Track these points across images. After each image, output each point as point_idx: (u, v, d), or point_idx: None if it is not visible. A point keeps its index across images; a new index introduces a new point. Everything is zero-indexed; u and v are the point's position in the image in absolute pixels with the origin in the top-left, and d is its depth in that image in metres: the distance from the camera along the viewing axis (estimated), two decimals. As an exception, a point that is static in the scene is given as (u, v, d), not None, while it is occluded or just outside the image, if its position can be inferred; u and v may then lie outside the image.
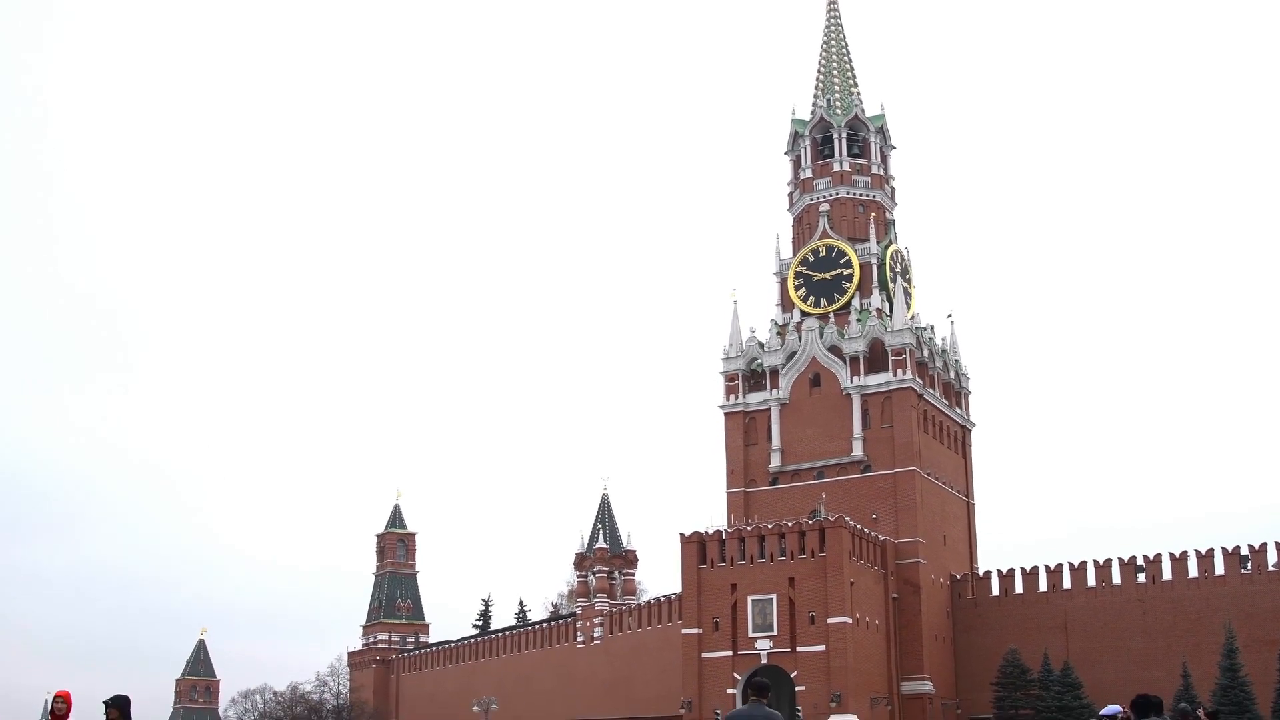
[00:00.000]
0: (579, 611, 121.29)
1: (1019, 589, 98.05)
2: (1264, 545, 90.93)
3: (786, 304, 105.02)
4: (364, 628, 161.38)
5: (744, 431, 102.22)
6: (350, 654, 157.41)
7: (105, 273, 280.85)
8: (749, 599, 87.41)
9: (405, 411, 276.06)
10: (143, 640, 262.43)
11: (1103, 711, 18.91)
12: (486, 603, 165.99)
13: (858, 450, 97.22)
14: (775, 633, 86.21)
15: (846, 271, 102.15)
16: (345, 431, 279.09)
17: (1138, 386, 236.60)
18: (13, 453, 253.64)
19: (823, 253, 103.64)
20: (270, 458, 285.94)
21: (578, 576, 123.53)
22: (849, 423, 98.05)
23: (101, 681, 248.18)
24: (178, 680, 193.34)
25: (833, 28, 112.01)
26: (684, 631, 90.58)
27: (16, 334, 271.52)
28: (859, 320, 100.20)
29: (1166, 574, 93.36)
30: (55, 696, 16.03)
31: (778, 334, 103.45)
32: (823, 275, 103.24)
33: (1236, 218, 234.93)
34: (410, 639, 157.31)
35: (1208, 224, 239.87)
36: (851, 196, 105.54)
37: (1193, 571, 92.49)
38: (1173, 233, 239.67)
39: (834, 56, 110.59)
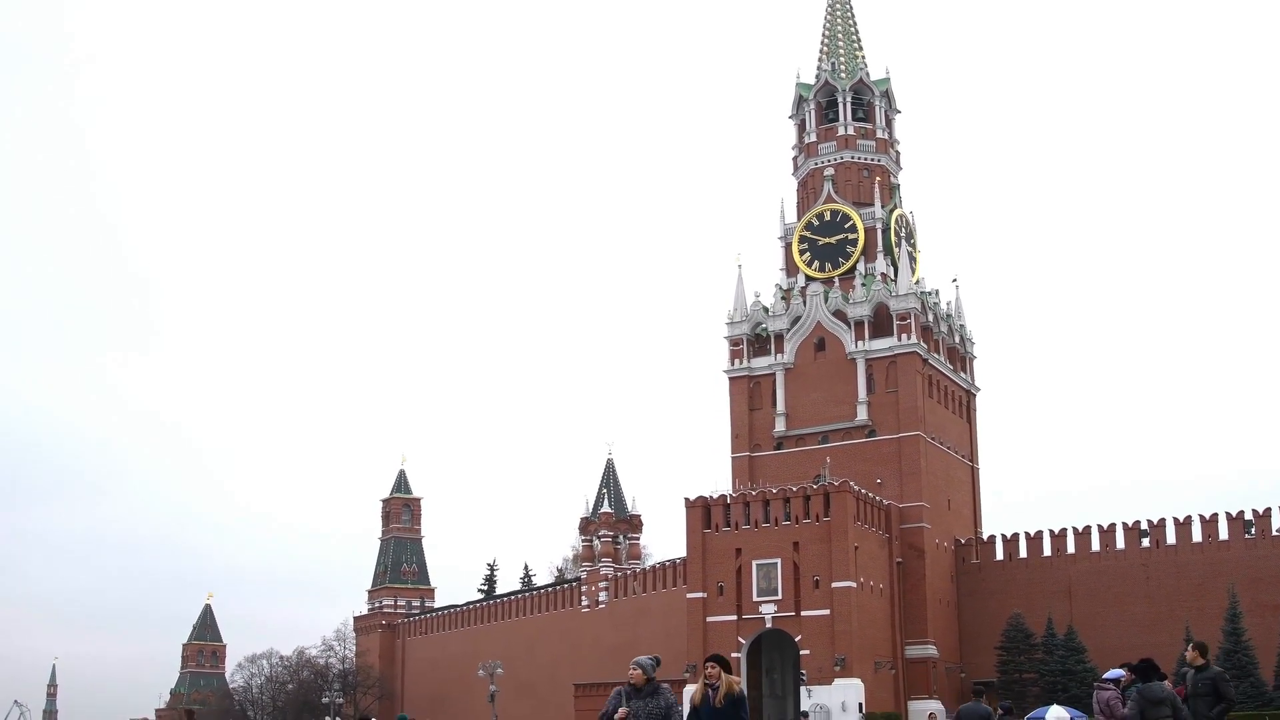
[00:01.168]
0: (584, 576, 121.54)
1: (1023, 553, 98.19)
2: (1268, 510, 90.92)
3: (791, 268, 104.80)
4: (369, 592, 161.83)
5: (748, 396, 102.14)
6: (356, 618, 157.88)
7: (130, 242, 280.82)
8: (753, 563, 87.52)
9: (411, 377, 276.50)
10: (150, 605, 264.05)
11: (1105, 675, 18.89)
12: (491, 567, 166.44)
13: (862, 415, 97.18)
14: (780, 597, 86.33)
15: (851, 236, 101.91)
16: (351, 397, 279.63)
17: (1143, 350, 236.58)
18: (28, 417, 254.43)
19: (827, 217, 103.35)
20: (276, 424, 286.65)
21: (583, 541, 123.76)
22: (853, 387, 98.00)
23: (110, 646, 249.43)
24: (185, 645, 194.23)
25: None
26: (689, 596, 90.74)
27: (32, 299, 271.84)
28: (864, 285, 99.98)
29: (1170, 538, 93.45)
30: None
31: (782, 298, 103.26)
32: (827, 240, 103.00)
33: (1242, 178, 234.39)
34: (415, 603, 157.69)
35: (1213, 186, 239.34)
36: (856, 161, 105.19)
37: (1197, 536, 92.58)
38: (1178, 193, 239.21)
39: (839, 20, 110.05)
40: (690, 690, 13.97)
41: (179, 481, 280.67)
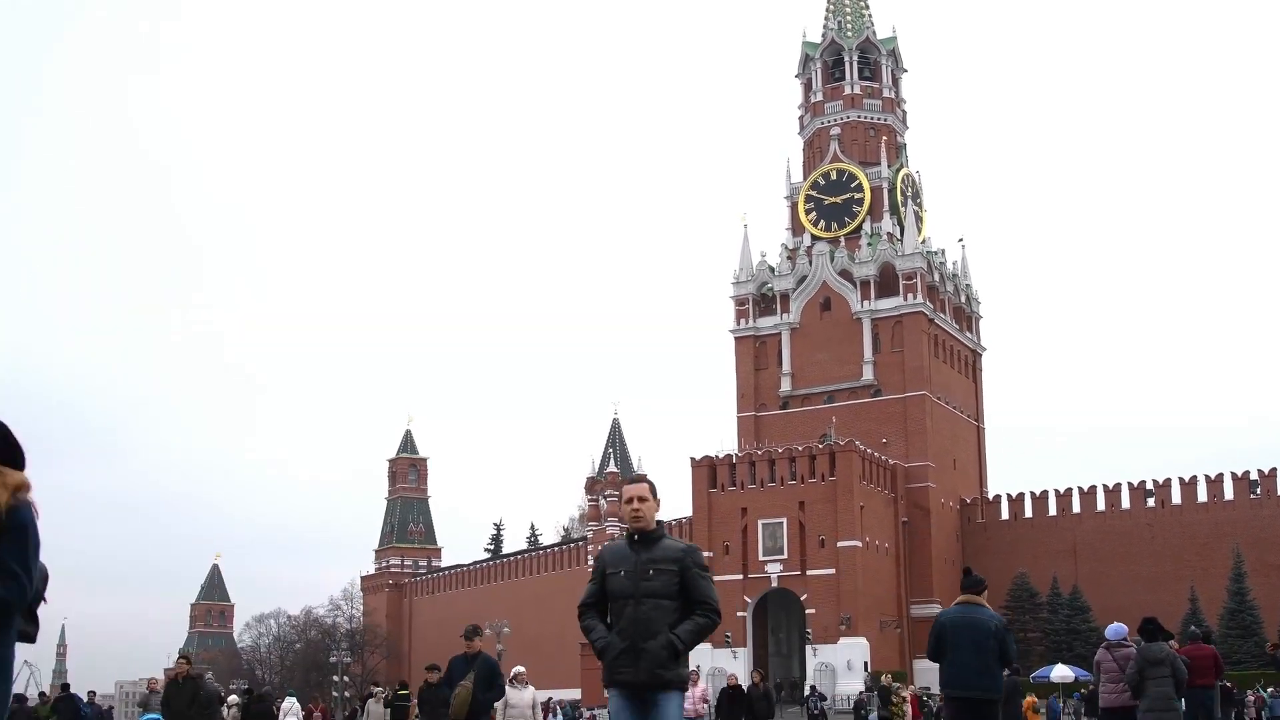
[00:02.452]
0: (590, 535, 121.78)
1: (1028, 513, 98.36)
2: (1273, 470, 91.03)
3: (797, 228, 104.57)
4: (376, 552, 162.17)
5: (754, 356, 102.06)
6: (363, 578, 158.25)
7: (154, 203, 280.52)
8: (759, 523, 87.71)
9: (417, 338, 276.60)
10: (158, 565, 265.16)
11: (1107, 632, 18.88)
12: (498, 527, 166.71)
13: (868, 374, 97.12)
14: (785, 556, 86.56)
15: (857, 195, 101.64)
16: (358, 358, 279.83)
17: (1149, 310, 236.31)
18: (46, 376, 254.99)
19: (833, 176, 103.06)
20: (283, 385, 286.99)
21: (589, 500, 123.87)
22: (859, 347, 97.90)
23: (119, 607, 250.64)
24: (193, 605, 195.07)
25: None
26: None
27: (63, 258, 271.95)
28: (869, 244, 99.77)
29: (1176, 498, 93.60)
30: None
31: (788, 258, 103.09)
32: (833, 199, 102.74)
33: (1248, 131, 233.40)
34: (422, 563, 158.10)
35: (1220, 140, 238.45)
36: (862, 120, 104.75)
37: (1202, 496, 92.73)
38: (1184, 150, 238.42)
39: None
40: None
41: (186, 442, 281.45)
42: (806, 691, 66.71)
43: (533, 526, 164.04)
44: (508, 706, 18.78)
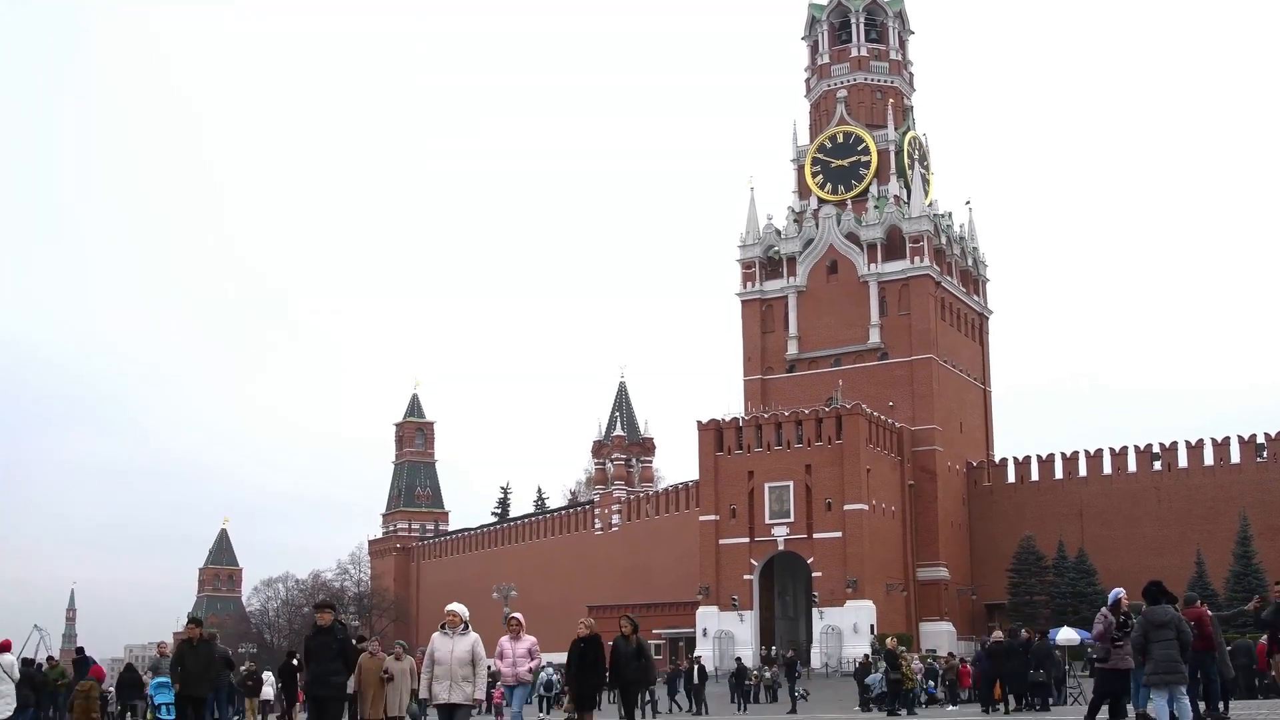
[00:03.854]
0: (597, 499, 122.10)
1: (1035, 476, 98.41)
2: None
3: (804, 191, 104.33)
4: (384, 516, 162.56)
5: (761, 319, 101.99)
6: (371, 542, 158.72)
7: (157, 171, 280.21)
8: (766, 486, 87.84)
9: (424, 301, 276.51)
10: (167, 530, 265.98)
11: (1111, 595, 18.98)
12: (505, 490, 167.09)
13: (875, 338, 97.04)
14: (792, 519, 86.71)
15: (864, 158, 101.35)
16: (365, 321, 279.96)
17: (1156, 273, 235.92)
18: (53, 343, 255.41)
19: (840, 139, 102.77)
20: (290, 347, 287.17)
21: (595, 464, 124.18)
22: (866, 310, 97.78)
23: (128, 571, 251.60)
24: (201, 569, 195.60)
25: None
26: (701, 518, 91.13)
27: (88, 229, 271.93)
28: (876, 207, 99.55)
29: (1182, 462, 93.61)
30: None
31: (795, 221, 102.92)
32: (840, 162, 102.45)
33: (1256, 95, 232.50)
34: (429, 527, 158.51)
35: (1227, 103, 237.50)
36: (869, 82, 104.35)
37: (1208, 460, 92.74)
38: (1191, 112, 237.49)
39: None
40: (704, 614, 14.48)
41: (195, 408, 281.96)
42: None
43: (539, 490, 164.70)
44: (435, 663, 16.77)
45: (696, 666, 51.29)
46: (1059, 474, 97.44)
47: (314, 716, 17.73)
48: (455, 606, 17.21)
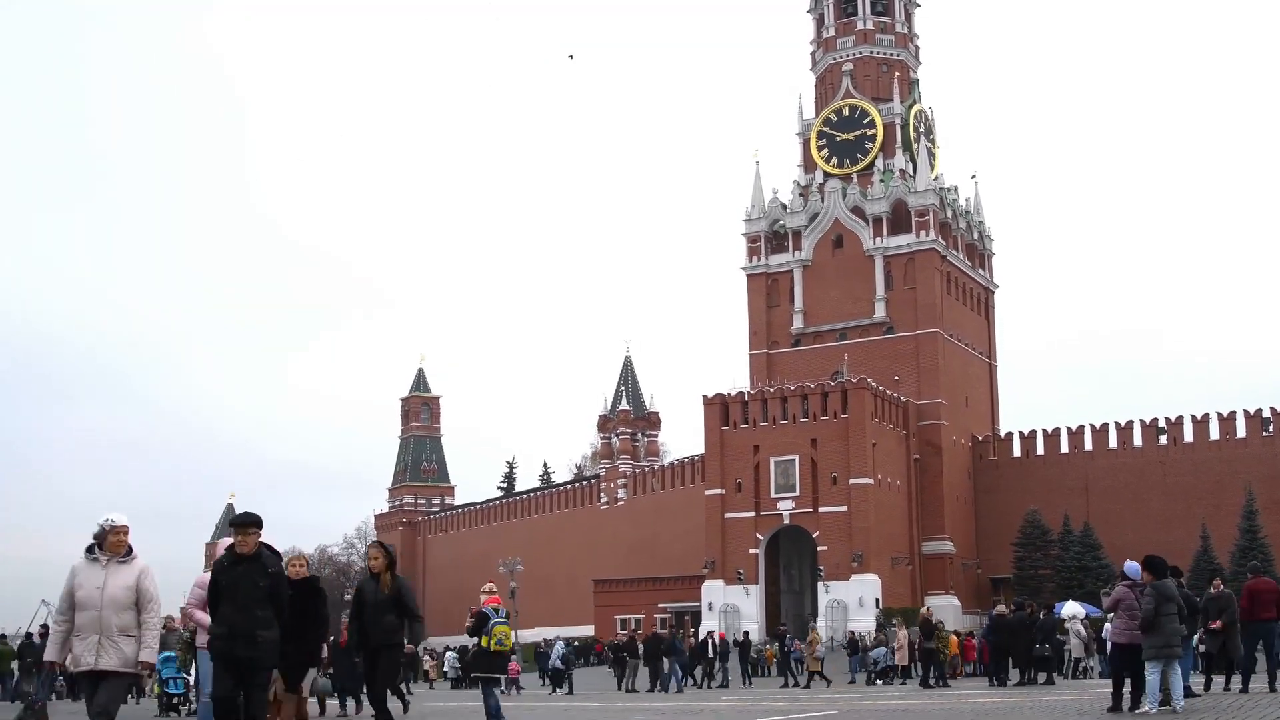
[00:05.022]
0: (603, 473, 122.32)
1: (1040, 450, 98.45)
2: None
3: (809, 165, 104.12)
4: (390, 490, 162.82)
5: (766, 293, 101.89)
6: (377, 516, 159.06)
7: (158, 141, 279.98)
8: (771, 460, 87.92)
9: (429, 276, 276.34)
10: (172, 504, 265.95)
11: (1127, 569, 18.93)
12: (511, 465, 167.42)
13: (880, 312, 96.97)
14: (797, 493, 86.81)
15: (870, 132, 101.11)
16: (370, 295, 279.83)
17: (1162, 247, 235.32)
18: (54, 312, 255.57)
19: (845, 113, 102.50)
20: (295, 320, 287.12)
21: (601, 438, 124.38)
22: (871, 284, 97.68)
23: (135, 544, 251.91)
24: (207, 544, 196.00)
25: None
26: (707, 492, 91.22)
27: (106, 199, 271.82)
28: (882, 181, 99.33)
29: (1188, 435, 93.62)
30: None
31: (800, 195, 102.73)
32: (845, 135, 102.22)
33: (1266, 73, 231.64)
34: (435, 501, 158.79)
35: (1239, 75, 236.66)
36: (875, 55, 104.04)
37: (1214, 434, 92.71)
38: (1198, 85, 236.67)
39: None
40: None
41: (199, 382, 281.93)
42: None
43: (545, 465, 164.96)
44: (76, 606, 11.24)
45: (713, 640, 51.44)
46: (1064, 448, 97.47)
47: (230, 687, 12.16)
48: (116, 516, 11.49)
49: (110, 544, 11.25)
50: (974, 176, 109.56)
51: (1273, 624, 21.18)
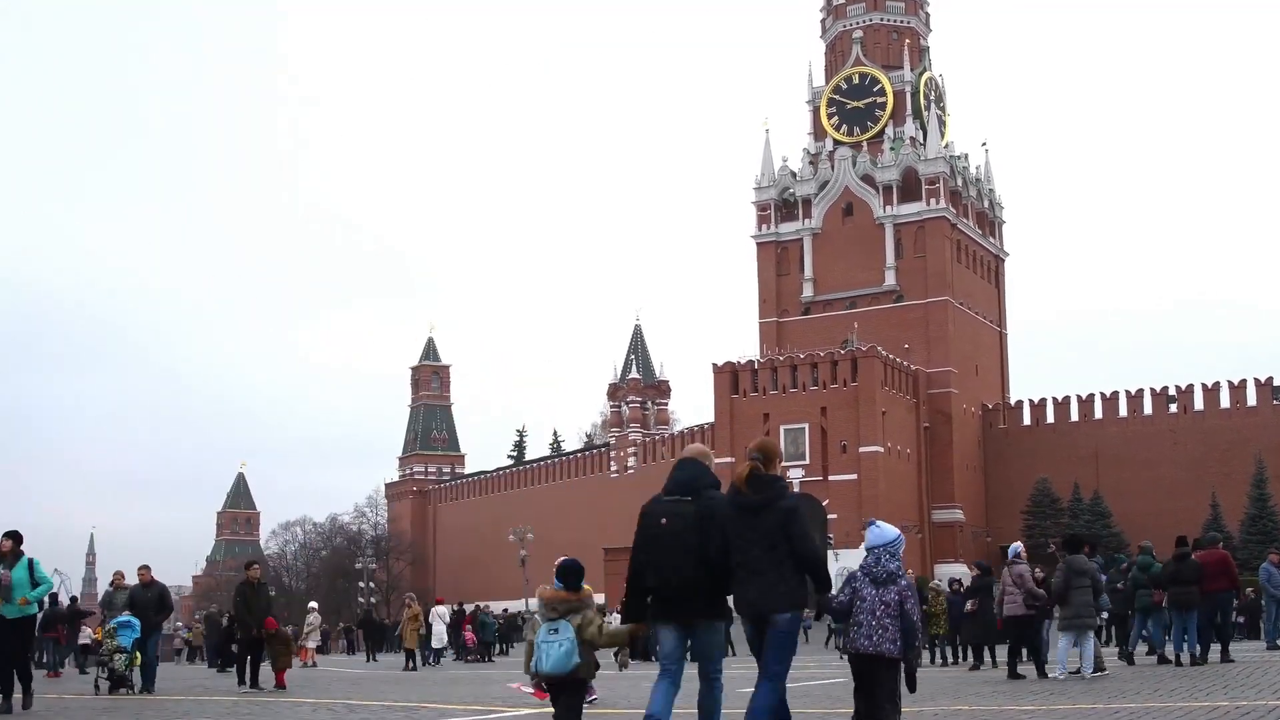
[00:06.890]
0: (612, 441, 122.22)
1: (1050, 419, 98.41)
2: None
3: (819, 133, 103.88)
4: (400, 459, 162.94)
5: (776, 261, 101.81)
6: (387, 485, 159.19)
7: (157, 121, 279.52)
8: (781, 428, 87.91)
9: (439, 245, 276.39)
10: (185, 474, 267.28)
11: (1010, 551, 20.67)
12: (521, 433, 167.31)
13: (890, 280, 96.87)
14: (808, 462, 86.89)
15: (880, 99, 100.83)
16: (381, 263, 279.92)
17: (1174, 214, 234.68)
18: (67, 283, 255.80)
19: (855, 80, 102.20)
20: (307, 289, 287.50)
21: (611, 407, 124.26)
22: (881, 252, 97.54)
23: (147, 515, 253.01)
24: (219, 513, 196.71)
25: None
26: (716, 461, 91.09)
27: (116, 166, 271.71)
28: (892, 149, 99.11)
29: (1198, 404, 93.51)
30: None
31: (810, 163, 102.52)
32: (855, 103, 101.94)
33: (1276, 43, 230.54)
34: (446, 470, 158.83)
35: (1248, 45, 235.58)
36: (885, 23, 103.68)
37: (1224, 402, 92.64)
38: (1209, 53, 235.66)
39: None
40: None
41: (212, 352, 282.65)
42: None
43: (555, 433, 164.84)
44: None
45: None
46: (1074, 416, 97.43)
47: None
48: None
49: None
50: (984, 144, 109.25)
51: (1220, 595, 21.20)
